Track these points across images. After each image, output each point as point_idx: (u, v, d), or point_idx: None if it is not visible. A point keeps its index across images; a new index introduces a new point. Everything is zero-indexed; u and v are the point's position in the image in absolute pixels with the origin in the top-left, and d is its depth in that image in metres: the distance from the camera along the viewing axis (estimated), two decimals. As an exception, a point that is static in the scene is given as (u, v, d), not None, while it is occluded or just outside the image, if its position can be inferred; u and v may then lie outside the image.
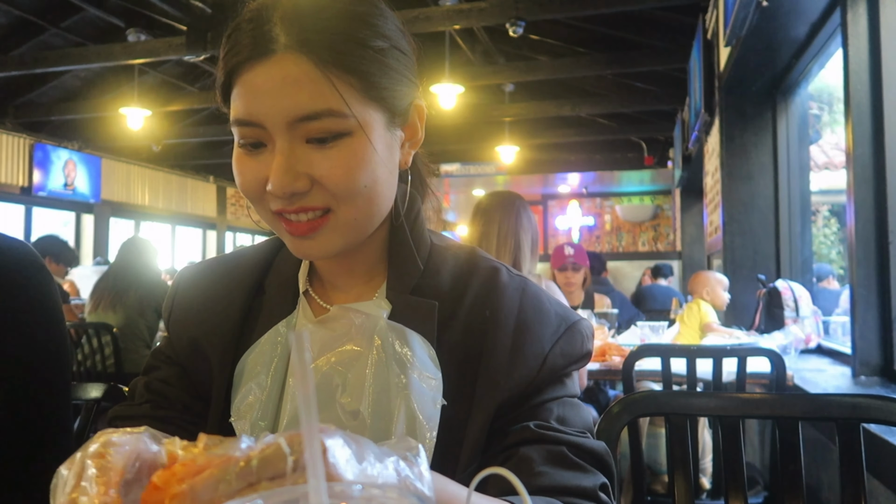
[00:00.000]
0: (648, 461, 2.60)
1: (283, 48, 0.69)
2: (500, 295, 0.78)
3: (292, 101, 0.68)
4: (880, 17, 2.31)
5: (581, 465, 0.73)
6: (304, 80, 0.68)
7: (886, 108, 2.25)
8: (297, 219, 0.73)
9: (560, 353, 0.77)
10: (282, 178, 0.70)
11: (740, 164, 4.32)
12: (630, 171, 11.40)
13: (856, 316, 2.36)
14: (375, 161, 0.73)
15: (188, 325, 0.85)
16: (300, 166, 0.70)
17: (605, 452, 0.76)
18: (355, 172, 0.71)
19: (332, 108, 0.69)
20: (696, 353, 2.37)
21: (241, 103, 0.71)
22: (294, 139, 0.70)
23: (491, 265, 0.82)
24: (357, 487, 0.44)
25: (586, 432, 0.77)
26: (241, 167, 0.74)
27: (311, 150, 0.71)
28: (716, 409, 1.10)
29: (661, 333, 3.52)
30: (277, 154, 0.70)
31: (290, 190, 0.70)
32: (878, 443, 1.54)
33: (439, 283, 0.80)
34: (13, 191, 8.89)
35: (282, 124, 0.69)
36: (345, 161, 0.71)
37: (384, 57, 0.73)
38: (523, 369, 0.75)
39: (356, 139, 0.71)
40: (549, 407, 0.76)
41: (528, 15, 5.62)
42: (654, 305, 6.60)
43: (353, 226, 0.74)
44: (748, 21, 3.27)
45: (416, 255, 0.81)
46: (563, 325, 0.79)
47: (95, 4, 6.96)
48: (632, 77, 8.23)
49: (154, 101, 8.06)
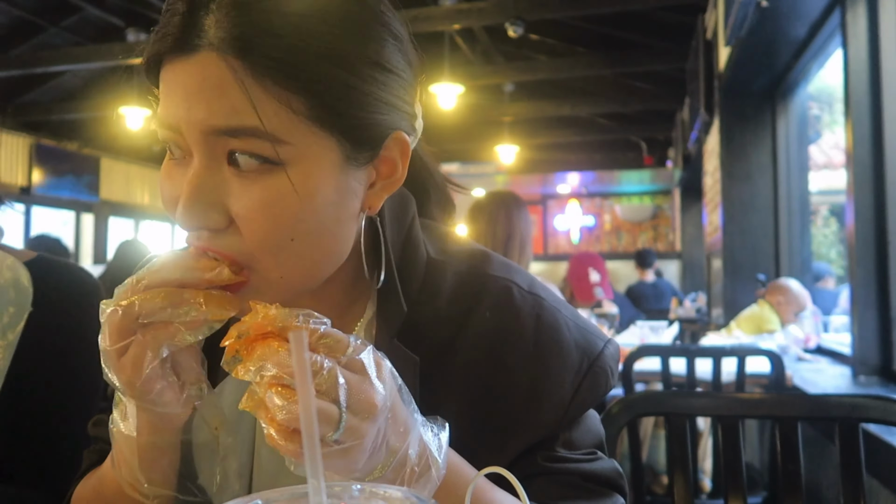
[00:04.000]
0: (649, 461, 2.60)
1: (207, 46, 0.55)
2: (511, 324, 0.68)
3: (207, 109, 0.55)
4: (880, 17, 2.31)
5: (594, 491, 0.68)
6: (227, 86, 0.54)
7: (886, 108, 2.25)
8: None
9: (582, 401, 0.68)
10: (189, 206, 0.56)
11: (740, 164, 4.32)
12: (629, 170, 11.40)
13: (855, 316, 2.36)
14: (313, 207, 0.57)
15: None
16: (215, 194, 0.56)
17: (617, 474, 0.70)
18: (278, 218, 0.56)
19: (257, 128, 0.54)
20: (695, 353, 2.38)
21: (161, 101, 0.59)
22: (213, 157, 0.57)
23: (500, 284, 0.70)
24: (357, 487, 0.44)
25: (596, 451, 0.70)
26: (163, 175, 0.61)
27: (231, 175, 0.57)
28: (715, 410, 1.10)
29: (660, 333, 3.52)
30: (192, 173, 0.57)
31: (197, 223, 0.57)
32: (877, 443, 1.54)
33: (437, 308, 0.68)
34: (12, 190, 8.89)
35: (196, 134, 0.56)
36: (266, 200, 0.56)
37: (356, 76, 0.58)
38: (540, 422, 0.67)
39: (291, 173, 0.56)
40: (556, 435, 0.68)
41: (528, 14, 5.62)
42: (647, 304, 6.57)
43: (283, 284, 0.60)
44: (748, 21, 3.27)
45: (401, 297, 0.66)
46: (586, 363, 0.68)
47: (95, 4, 6.96)
48: (631, 77, 8.23)
49: (154, 100, 8.04)
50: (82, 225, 10.06)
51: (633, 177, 11.85)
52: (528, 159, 11.01)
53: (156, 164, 11.07)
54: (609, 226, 13.34)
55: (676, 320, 4.69)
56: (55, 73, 8.16)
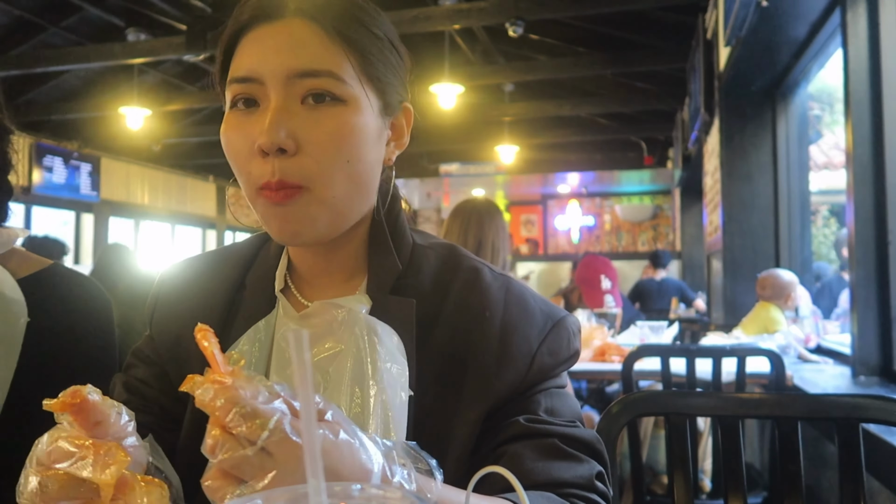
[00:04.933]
0: (649, 461, 2.61)
1: (291, 13, 0.72)
2: (484, 294, 0.78)
3: (295, 57, 0.71)
4: (880, 17, 2.31)
5: (574, 454, 0.72)
6: (310, 41, 0.71)
7: (886, 108, 2.25)
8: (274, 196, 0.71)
9: (548, 351, 0.77)
10: (271, 130, 0.69)
11: (740, 164, 4.32)
12: (630, 170, 11.40)
13: (855, 316, 2.36)
14: (363, 138, 0.73)
15: (172, 322, 0.83)
16: (290, 123, 0.70)
17: (596, 440, 0.76)
18: (341, 141, 0.71)
19: (333, 71, 0.71)
20: (695, 353, 2.38)
21: (242, 60, 0.73)
22: (289, 97, 0.71)
23: (473, 264, 0.81)
24: (356, 487, 0.44)
25: (576, 421, 0.76)
26: (231, 129, 0.73)
27: (303, 111, 0.71)
28: (715, 409, 1.10)
29: (661, 333, 3.52)
30: (271, 108, 0.70)
31: (277, 142, 0.69)
32: (878, 442, 1.54)
33: (420, 283, 0.79)
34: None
35: (280, 77, 0.70)
36: (334, 127, 0.71)
37: (382, 46, 0.76)
38: (512, 370, 0.75)
39: (349, 109, 0.72)
40: (537, 399, 0.76)
41: (528, 14, 5.61)
42: (651, 304, 6.54)
43: (330, 205, 0.73)
44: (748, 21, 3.27)
45: (396, 255, 0.80)
46: (549, 323, 0.78)
47: (95, 4, 6.95)
48: (631, 77, 8.22)
49: (154, 100, 8.06)
50: (82, 225, 10.06)
51: (633, 177, 11.85)
52: (528, 159, 11.01)
53: (155, 163, 11.08)
54: (609, 226, 13.34)
55: (676, 320, 4.68)
56: (55, 73, 8.16)
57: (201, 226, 12.39)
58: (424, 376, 0.74)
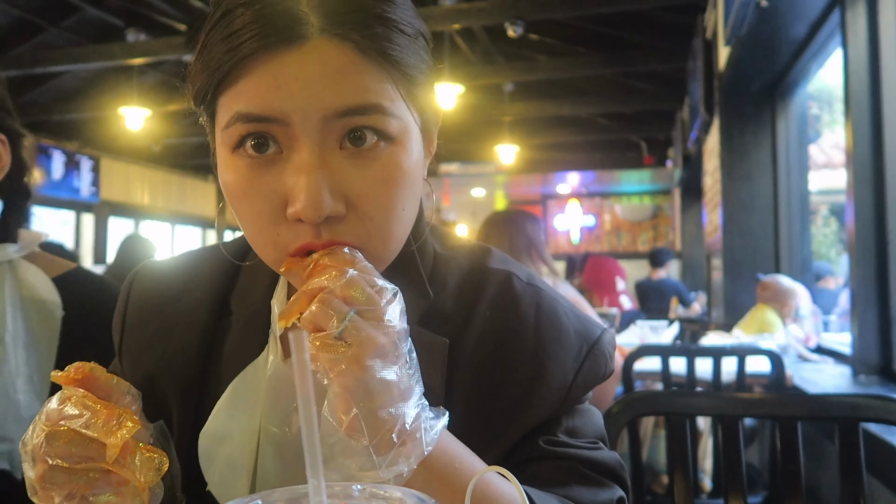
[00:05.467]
0: (649, 461, 2.60)
1: (317, 32, 0.56)
2: (513, 312, 0.68)
3: (334, 92, 0.55)
4: (880, 17, 2.31)
5: (596, 479, 0.67)
6: (347, 68, 0.56)
7: (886, 108, 2.25)
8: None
9: (583, 383, 0.69)
10: (316, 196, 0.55)
11: (739, 164, 4.32)
12: (629, 170, 11.40)
13: (855, 316, 2.36)
14: (415, 177, 0.61)
15: (142, 359, 0.72)
16: (335, 181, 0.56)
17: (618, 465, 0.70)
18: (395, 190, 0.58)
19: (380, 104, 0.56)
20: (695, 352, 2.38)
21: (254, 92, 0.56)
22: (326, 143, 0.57)
23: (500, 276, 0.71)
24: (357, 487, 0.44)
25: (598, 442, 0.71)
26: (242, 180, 0.58)
27: (345, 159, 0.57)
28: (715, 409, 1.10)
29: (661, 333, 3.52)
30: (305, 163, 0.56)
31: (326, 212, 0.56)
32: (878, 442, 1.54)
33: (444, 302, 0.69)
34: (13, 191, 8.88)
35: (315, 119, 0.55)
36: (386, 175, 0.58)
37: (417, 47, 0.61)
38: (544, 404, 0.67)
39: (398, 149, 0.59)
40: (558, 419, 0.69)
41: (528, 14, 5.62)
42: (651, 302, 6.54)
43: (386, 260, 0.62)
44: (747, 21, 3.27)
45: (426, 283, 0.69)
46: (585, 347, 0.69)
47: (95, 4, 6.95)
48: (631, 77, 8.23)
49: (154, 100, 8.05)
50: (82, 225, 10.06)
51: (633, 177, 11.85)
52: (528, 159, 11.01)
53: (155, 164, 11.08)
54: (609, 225, 13.33)
55: (677, 320, 4.68)
56: (55, 73, 8.16)
57: (201, 226, 12.39)
58: (450, 395, 0.66)
